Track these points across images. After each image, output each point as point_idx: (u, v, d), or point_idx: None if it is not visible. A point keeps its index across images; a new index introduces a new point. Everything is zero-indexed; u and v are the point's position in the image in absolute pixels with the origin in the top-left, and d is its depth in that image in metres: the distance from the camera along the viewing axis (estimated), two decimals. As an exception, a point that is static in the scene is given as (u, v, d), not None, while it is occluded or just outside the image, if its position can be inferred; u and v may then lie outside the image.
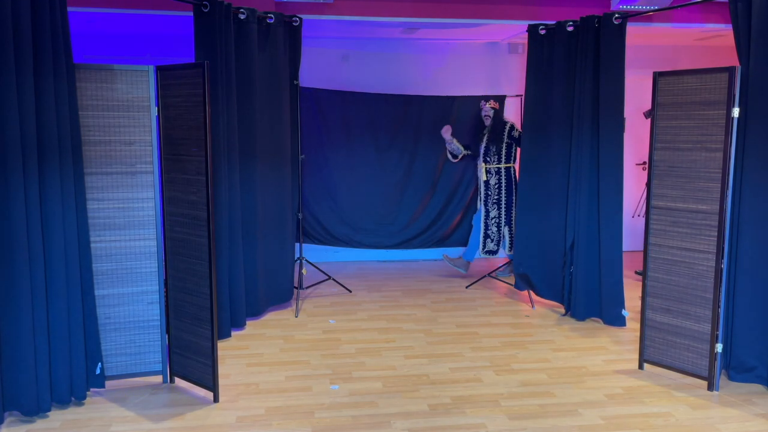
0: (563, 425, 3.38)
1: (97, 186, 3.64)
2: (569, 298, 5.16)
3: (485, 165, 6.13)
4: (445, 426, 3.38)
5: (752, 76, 3.66)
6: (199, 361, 3.66)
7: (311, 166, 6.48)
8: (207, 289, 3.55)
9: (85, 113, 3.57)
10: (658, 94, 3.88)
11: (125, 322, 3.76)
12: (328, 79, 6.77)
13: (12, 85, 3.09)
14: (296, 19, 5.20)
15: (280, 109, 5.15)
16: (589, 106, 4.92)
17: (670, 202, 3.87)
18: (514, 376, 3.99)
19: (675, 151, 3.84)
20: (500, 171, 6.08)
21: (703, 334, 3.79)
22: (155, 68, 3.66)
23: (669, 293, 3.92)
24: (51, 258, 3.33)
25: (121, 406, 3.56)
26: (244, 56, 4.77)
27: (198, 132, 3.47)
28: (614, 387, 3.85)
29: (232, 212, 4.69)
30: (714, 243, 3.69)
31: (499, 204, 6.11)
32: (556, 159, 5.21)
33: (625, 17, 4.73)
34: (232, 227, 4.71)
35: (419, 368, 4.11)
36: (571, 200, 5.07)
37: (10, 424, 3.33)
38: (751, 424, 3.39)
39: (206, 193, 3.47)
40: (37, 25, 3.20)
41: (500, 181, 6.10)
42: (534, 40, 5.28)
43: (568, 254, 5.13)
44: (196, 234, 3.57)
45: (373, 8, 5.57)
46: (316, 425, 3.38)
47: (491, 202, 6.13)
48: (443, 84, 7.06)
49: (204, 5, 4.43)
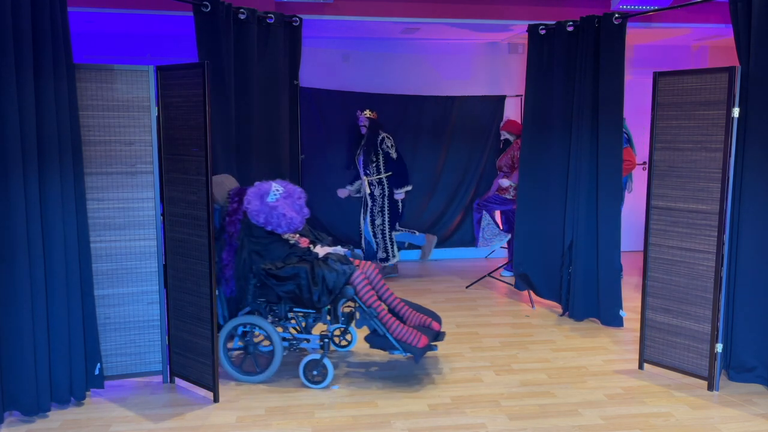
0: (563, 425, 3.38)
1: (97, 186, 3.64)
2: (567, 298, 5.16)
3: (366, 178, 6.12)
4: (445, 426, 3.38)
5: (752, 76, 3.66)
6: (199, 361, 3.66)
7: (311, 166, 6.48)
8: (207, 289, 3.55)
9: (85, 113, 3.57)
10: (658, 94, 3.88)
11: (125, 322, 3.76)
12: (328, 79, 6.78)
13: (12, 85, 3.09)
14: (296, 19, 5.20)
15: (279, 109, 5.15)
16: (588, 106, 4.92)
17: (670, 202, 3.87)
18: (514, 376, 4.00)
19: (675, 151, 3.84)
20: (382, 181, 6.08)
21: (703, 334, 3.79)
22: (155, 68, 3.66)
23: (669, 293, 3.92)
24: (51, 258, 3.33)
25: (121, 406, 3.56)
26: (244, 56, 4.77)
27: (198, 132, 3.47)
28: (614, 387, 3.85)
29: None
30: (714, 243, 3.69)
31: (383, 212, 6.11)
32: (556, 159, 5.20)
33: (625, 17, 4.73)
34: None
35: (419, 368, 4.11)
36: (570, 200, 5.07)
37: (10, 424, 3.33)
38: (751, 424, 3.39)
39: (206, 193, 3.47)
40: (37, 25, 3.20)
41: (383, 191, 6.10)
42: (534, 40, 5.28)
43: (567, 254, 5.14)
44: (196, 234, 3.57)
45: (373, 8, 5.58)
46: (316, 425, 3.38)
47: (376, 211, 6.12)
48: (443, 84, 7.06)
49: (204, 5, 4.43)
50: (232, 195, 3.88)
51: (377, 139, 6.02)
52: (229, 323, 3.87)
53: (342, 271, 3.73)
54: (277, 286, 3.75)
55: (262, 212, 3.77)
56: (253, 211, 3.78)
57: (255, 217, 3.78)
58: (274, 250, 3.85)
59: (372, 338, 3.79)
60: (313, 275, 3.70)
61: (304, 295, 3.72)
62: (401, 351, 3.73)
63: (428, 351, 3.83)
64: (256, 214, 3.77)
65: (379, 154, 6.04)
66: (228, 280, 3.80)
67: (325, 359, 3.80)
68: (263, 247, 3.82)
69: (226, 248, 3.78)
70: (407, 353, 3.74)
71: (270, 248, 3.84)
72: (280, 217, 3.77)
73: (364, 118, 6.06)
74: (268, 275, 3.74)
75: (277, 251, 3.85)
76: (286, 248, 3.88)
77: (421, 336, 3.77)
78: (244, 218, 3.80)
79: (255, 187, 3.88)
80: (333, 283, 3.70)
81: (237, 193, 3.87)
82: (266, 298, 3.85)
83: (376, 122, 6.07)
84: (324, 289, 3.69)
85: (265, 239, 3.83)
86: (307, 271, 3.71)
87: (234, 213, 3.79)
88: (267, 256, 3.83)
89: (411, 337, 3.74)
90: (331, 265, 3.74)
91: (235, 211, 3.79)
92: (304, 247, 3.97)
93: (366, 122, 6.05)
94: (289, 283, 3.72)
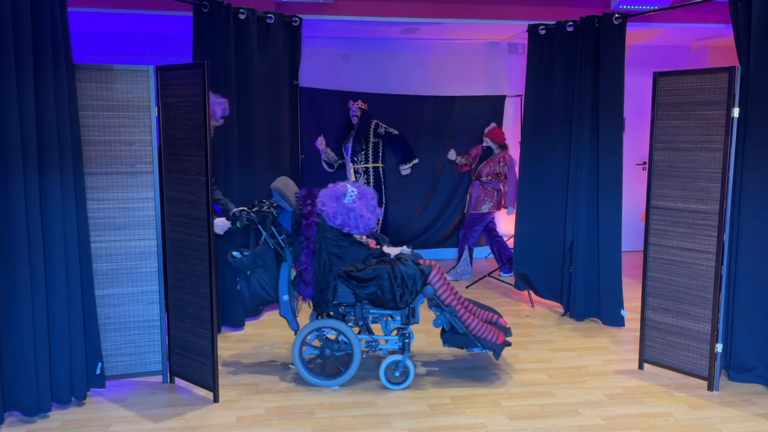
0: (563, 425, 3.38)
1: (97, 186, 3.63)
2: (568, 298, 5.16)
3: (353, 165, 6.15)
4: (445, 426, 3.38)
5: (752, 76, 3.66)
6: (199, 361, 3.66)
7: (311, 166, 6.48)
8: (207, 289, 3.55)
9: (85, 113, 3.57)
10: (658, 94, 3.88)
11: (125, 322, 3.76)
12: (328, 79, 6.78)
13: (12, 85, 3.09)
14: (296, 19, 5.20)
15: (279, 109, 5.15)
16: (588, 106, 4.92)
17: (670, 202, 3.87)
18: (514, 376, 4.00)
19: (675, 151, 3.84)
20: (368, 171, 6.10)
21: (703, 334, 3.79)
22: (155, 68, 3.66)
23: (669, 293, 3.92)
24: (51, 258, 3.33)
25: (121, 406, 3.56)
26: (244, 56, 4.77)
27: (198, 132, 3.47)
28: (614, 387, 3.85)
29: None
30: (714, 243, 3.69)
31: None
32: (556, 159, 5.20)
33: (625, 17, 4.73)
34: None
35: (419, 368, 4.11)
36: (571, 200, 5.07)
37: (11, 424, 3.33)
38: (751, 424, 3.39)
39: (206, 193, 3.47)
40: (37, 25, 3.19)
41: (369, 181, 6.12)
42: (534, 40, 5.28)
43: (568, 254, 5.14)
44: (196, 234, 3.57)
45: (373, 8, 5.58)
46: (316, 425, 3.38)
47: None
48: (443, 84, 7.06)
49: (204, 5, 4.43)
50: (301, 198, 3.80)
51: (369, 127, 6.09)
52: (306, 327, 3.83)
53: (421, 271, 3.75)
54: (359, 288, 3.72)
55: (340, 214, 3.72)
56: (330, 213, 3.72)
57: (332, 219, 3.73)
58: (353, 253, 3.81)
59: (450, 337, 3.83)
60: (394, 276, 3.70)
61: (386, 296, 3.71)
62: (481, 348, 3.80)
63: (506, 347, 3.86)
64: (333, 216, 3.72)
65: (369, 143, 6.08)
66: (308, 283, 3.74)
67: (406, 360, 3.80)
68: (342, 249, 3.78)
69: (304, 251, 3.71)
70: (487, 350, 3.81)
71: (349, 251, 3.80)
72: (358, 218, 3.73)
73: (356, 108, 6.17)
74: (350, 277, 3.72)
75: (356, 253, 3.82)
76: (364, 250, 3.85)
77: (498, 332, 3.85)
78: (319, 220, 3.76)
79: (328, 189, 3.82)
80: (413, 283, 3.71)
81: (307, 196, 3.80)
82: (342, 301, 3.83)
83: (367, 113, 6.19)
84: (405, 290, 3.70)
85: (342, 241, 3.79)
86: (388, 272, 3.70)
87: (309, 215, 3.72)
88: (346, 258, 3.79)
89: (490, 334, 3.80)
90: (410, 266, 3.75)
91: (311, 214, 3.73)
92: (377, 249, 3.95)
93: (358, 112, 6.17)
94: (372, 284, 3.70)
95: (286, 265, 3.83)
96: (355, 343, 3.80)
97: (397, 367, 3.81)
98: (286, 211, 3.81)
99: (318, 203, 3.76)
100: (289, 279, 3.83)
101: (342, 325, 3.81)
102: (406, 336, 3.85)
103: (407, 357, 3.81)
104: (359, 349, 3.81)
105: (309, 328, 3.83)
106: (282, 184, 3.88)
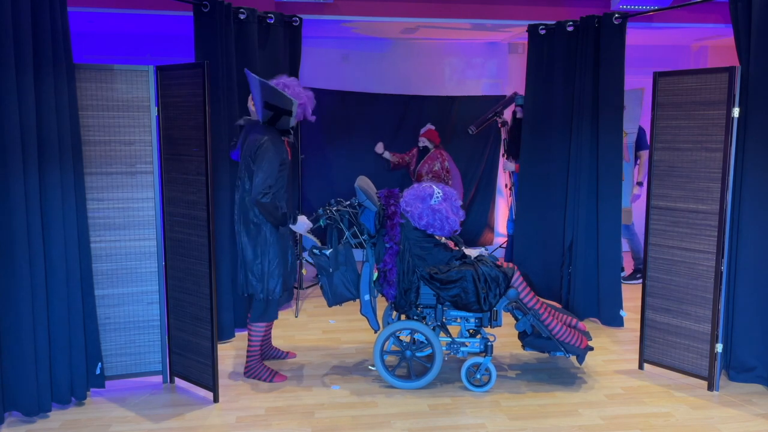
0: (563, 425, 3.38)
1: (97, 186, 3.64)
2: (567, 298, 5.16)
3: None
4: (445, 426, 3.38)
5: (752, 76, 3.66)
6: (199, 361, 3.66)
7: (311, 166, 6.48)
8: (207, 290, 3.55)
9: (85, 113, 3.57)
10: (658, 94, 3.88)
11: (125, 322, 3.76)
12: (328, 79, 6.78)
13: (12, 85, 3.09)
14: (296, 19, 5.20)
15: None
16: (588, 106, 4.92)
17: (670, 202, 3.87)
18: (514, 377, 3.99)
19: (675, 151, 3.84)
20: None
21: (703, 334, 3.79)
22: (155, 68, 3.66)
23: (669, 293, 3.92)
24: (51, 258, 3.33)
25: (121, 406, 3.56)
26: (244, 56, 4.77)
27: (198, 132, 3.47)
28: (614, 387, 3.85)
29: (232, 212, 4.68)
30: (714, 243, 3.69)
31: None
32: (556, 159, 5.20)
33: (625, 17, 4.73)
34: (233, 227, 4.70)
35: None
36: (570, 199, 5.07)
37: (11, 424, 3.33)
38: (751, 424, 3.39)
39: (206, 193, 3.47)
40: (37, 25, 3.19)
41: None
42: (534, 40, 5.28)
43: (567, 254, 5.14)
44: (196, 234, 3.57)
45: (373, 8, 5.58)
46: (316, 425, 3.38)
47: None
48: (443, 84, 7.06)
49: (204, 5, 4.42)
50: (383, 197, 3.77)
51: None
52: (387, 329, 3.79)
53: (504, 273, 3.72)
54: (442, 290, 3.70)
55: (425, 215, 3.69)
56: (415, 214, 3.70)
57: (417, 221, 3.70)
58: (437, 254, 3.79)
59: (531, 340, 3.78)
60: (478, 278, 3.68)
61: (470, 299, 3.68)
62: (564, 353, 3.73)
63: (589, 351, 3.81)
64: (419, 217, 3.70)
65: None
66: (392, 283, 3.72)
67: (488, 362, 3.78)
68: (426, 251, 3.76)
69: (388, 252, 3.69)
70: (570, 354, 3.74)
71: (432, 252, 3.78)
72: (444, 219, 3.71)
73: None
74: (433, 279, 3.70)
75: (439, 255, 3.79)
76: (447, 252, 3.83)
77: (581, 337, 3.79)
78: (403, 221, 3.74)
79: (413, 189, 3.79)
80: (497, 285, 3.69)
81: (389, 196, 3.77)
82: (422, 302, 3.80)
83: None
84: (489, 292, 3.67)
85: (426, 243, 3.77)
86: (472, 274, 3.68)
87: (394, 216, 3.70)
88: (429, 260, 3.77)
89: (574, 338, 3.75)
90: (492, 268, 3.72)
91: (395, 214, 3.70)
92: (458, 250, 3.92)
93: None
94: (455, 287, 3.68)
95: (367, 264, 3.79)
96: (436, 344, 3.76)
97: (478, 369, 3.78)
98: (368, 211, 3.77)
99: (402, 203, 3.74)
100: (370, 278, 3.80)
101: (423, 327, 3.76)
102: (488, 338, 3.82)
103: (489, 359, 3.78)
104: (440, 351, 3.77)
105: (392, 329, 3.79)
106: (365, 183, 3.83)
